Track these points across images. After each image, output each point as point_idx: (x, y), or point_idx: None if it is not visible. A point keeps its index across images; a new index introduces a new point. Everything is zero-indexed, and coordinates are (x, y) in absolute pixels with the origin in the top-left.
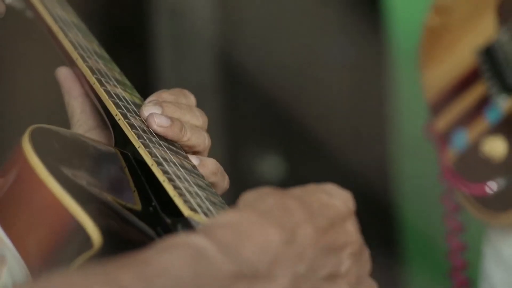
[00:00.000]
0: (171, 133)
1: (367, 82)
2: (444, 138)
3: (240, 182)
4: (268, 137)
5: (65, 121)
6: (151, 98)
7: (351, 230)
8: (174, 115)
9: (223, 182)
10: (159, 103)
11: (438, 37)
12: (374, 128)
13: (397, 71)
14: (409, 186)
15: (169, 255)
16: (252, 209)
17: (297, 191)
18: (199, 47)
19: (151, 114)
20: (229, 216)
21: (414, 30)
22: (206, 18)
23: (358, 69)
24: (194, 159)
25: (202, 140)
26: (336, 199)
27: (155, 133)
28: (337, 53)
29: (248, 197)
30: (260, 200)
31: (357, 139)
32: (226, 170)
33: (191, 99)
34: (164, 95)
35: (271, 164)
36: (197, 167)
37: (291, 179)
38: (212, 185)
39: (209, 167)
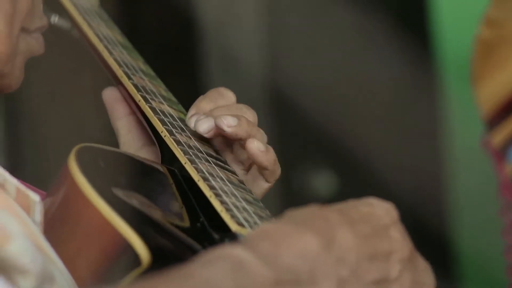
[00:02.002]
0: (241, 131)
1: (417, 98)
2: (501, 153)
3: (292, 199)
4: (319, 154)
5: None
6: (192, 111)
7: (396, 237)
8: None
9: (278, 169)
10: (209, 114)
11: (491, 50)
12: (427, 144)
13: (448, 86)
14: (466, 201)
15: (211, 267)
16: (289, 220)
17: (338, 205)
18: (248, 67)
19: (217, 120)
20: (267, 227)
21: (464, 44)
22: (253, 40)
23: (407, 85)
24: (260, 145)
25: (264, 138)
26: (378, 209)
27: (208, 147)
28: (385, 69)
29: (289, 212)
30: (299, 212)
31: (409, 155)
32: (277, 187)
33: (230, 96)
34: (203, 104)
35: (322, 180)
36: (264, 153)
37: (342, 195)
38: (271, 173)
39: (273, 155)
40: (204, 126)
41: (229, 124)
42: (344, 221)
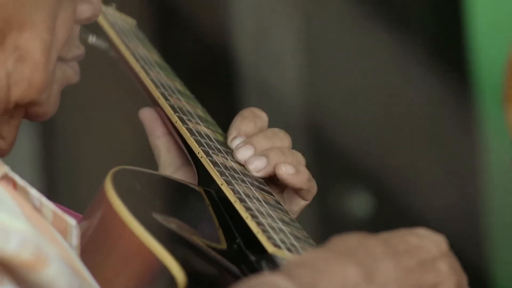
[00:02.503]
0: (271, 168)
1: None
2: None
3: (329, 220)
4: (356, 175)
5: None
6: (234, 133)
7: (444, 270)
8: (265, 147)
9: (314, 187)
10: (249, 143)
11: None
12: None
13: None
14: (501, 221)
15: None
16: (332, 249)
17: (385, 234)
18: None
19: (246, 163)
20: (308, 255)
21: (500, 66)
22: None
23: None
24: (289, 168)
25: (300, 160)
26: (427, 241)
27: (244, 167)
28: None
29: (332, 240)
30: (341, 240)
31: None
32: (314, 207)
33: (264, 117)
34: (243, 126)
35: (359, 201)
36: (294, 175)
37: (379, 216)
38: (307, 191)
39: (306, 174)
40: (243, 156)
41: (256, 168)
42: (388, 253)
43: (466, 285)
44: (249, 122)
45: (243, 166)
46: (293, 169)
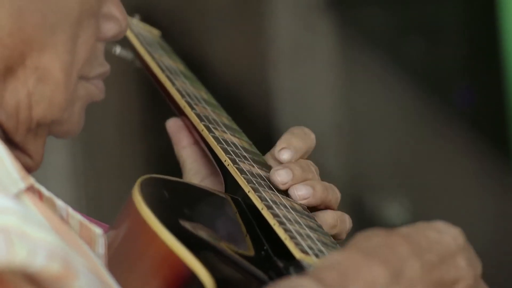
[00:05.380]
0: (314, 200)
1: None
2: None
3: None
4: (393, 182)
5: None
6: (282, 144)
7: (463, 265)
8: (301, 176)
9: (346, 226)
10: (288, 167)
11: None
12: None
13: None
14: None
15: None
16: (357, 249)
17: (405, 229)
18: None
19: (291, 189)
20: (334, 257)
21: None
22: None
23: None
24: (304, 194)
25: (335, 196)
26: (446, 235)
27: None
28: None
29: (356, 238)
30: (366, 239)
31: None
32: (352, 215)
33: (312, 138)
34: (294, 141)
35: (397, 208)
36: (311, 198)
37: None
38: (337, 235)
39: (329, 220)
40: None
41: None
42: (412, 251)
43: (481, 279)
44: (299, 138)
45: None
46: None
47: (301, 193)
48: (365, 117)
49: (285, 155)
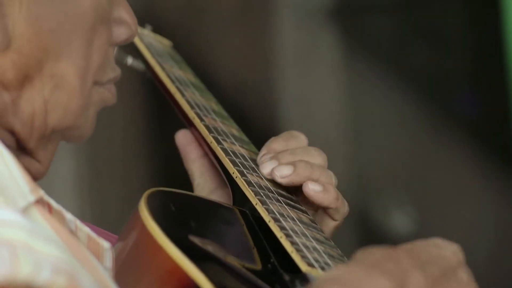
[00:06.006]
0: (298, 178)
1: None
2: None
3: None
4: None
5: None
6: (263, 151)
7: (464, 278)
8: (291, 160)
9: (344, 207)
10: (274, 157)
11: None
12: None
13: None
14: None
15: None
16: (361, 262)
17: (406, 245)
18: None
19: (272, 170)
20: (338, 270)
21: None
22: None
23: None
24: (316, 186)
25: (329, 178)
26: (446, 251)
27: (279, 186)
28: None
29: (359, 253)
30: (370, 254)
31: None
32: (357, 222)
33: (302, 139)
34: (274, 145)
35: (401, 215)
36: (321, 193)
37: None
38: (335, 210)
39: (333, 193)
40: (266, 170)
41: (282, 175)
42: (415, 264)
43: None
44: (281, 141)
45: (278, 185)
46: (320, 187)
47: (279, 172)
48: (369, 124)
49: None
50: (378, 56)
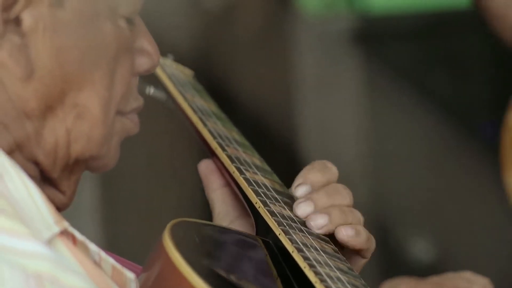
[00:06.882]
0: (333, 227)
1: None
2: None
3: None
4: (418, 220)
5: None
6: (299, 180)
7: None
8: (325, 204)
9: (373, 244)
10: (309, 198)
11: None
12: None
13: None
14: None
15: None
16: None
17: (434, 278)
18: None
19: (307, 220)
20: None
21: None
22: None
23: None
24: (349, 231)
25: (358, 219)
26: (475, 286)
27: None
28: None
29: (384, 285)
30: (394, 286)
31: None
32: (378, 250)
33: (334, 171)
34: (310, 175)
35: (421, 246)
36: (354, 237)
37: (442, 262)
38: (366, 250)
39: (364, 235)
40: (302, 212)
41: (317, 226)
42: None
43: None
44: (316, 172)
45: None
46: (353, 231)
47: (315, 223)
48: (390, 150)
49: (299, 192)
50: (400, 83)
